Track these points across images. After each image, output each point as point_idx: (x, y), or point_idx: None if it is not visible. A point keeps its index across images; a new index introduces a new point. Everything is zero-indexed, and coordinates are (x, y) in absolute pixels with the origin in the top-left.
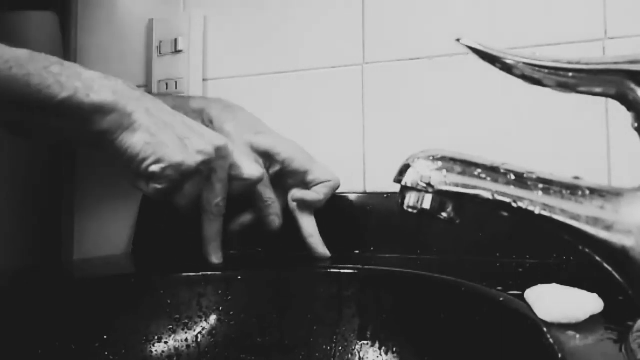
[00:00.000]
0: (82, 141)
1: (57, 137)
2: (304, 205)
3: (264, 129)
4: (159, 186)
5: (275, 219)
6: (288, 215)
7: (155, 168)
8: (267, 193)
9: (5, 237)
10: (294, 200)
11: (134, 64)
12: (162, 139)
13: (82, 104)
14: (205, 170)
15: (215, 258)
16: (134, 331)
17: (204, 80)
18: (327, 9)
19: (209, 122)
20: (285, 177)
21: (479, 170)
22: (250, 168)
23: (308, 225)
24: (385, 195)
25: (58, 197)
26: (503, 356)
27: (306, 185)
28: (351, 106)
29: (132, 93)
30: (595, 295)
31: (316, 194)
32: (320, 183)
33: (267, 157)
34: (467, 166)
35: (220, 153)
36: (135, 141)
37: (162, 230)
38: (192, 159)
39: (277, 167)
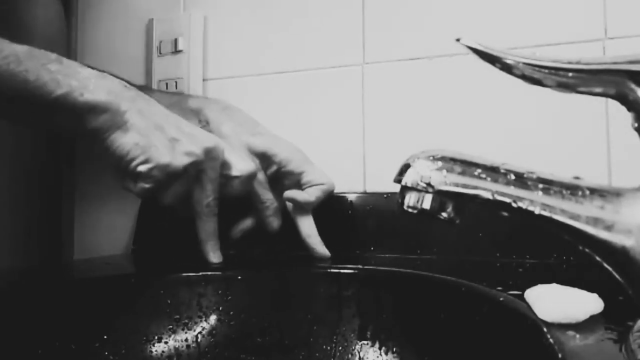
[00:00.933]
0: (78, 135)
1: (55, 129)
2: (297, 205)
3: (261, 130)
4: (146, 185)
5: (274, 219)
6: (287, 216)
7: (142, 168)
8: (265, 194)
9: (5, 238)
10: (285, 200)
11: (134, 64)
12: (151, 140)
13: (76, 102)
14: (193, 171)
15: (214, 257)
16: (134, 331)
17: (204, 80)
18: (327, 9)
19: (205, 123)
20: (281, 178)
21: (479, 170)
22: (241, 164)
23: (306, 225)
24: (385, 195)
25: (58, 197)
26: (503, 356)
27: (300, 187)
28: (351, 106)
29: (126, 93)
30: (595, 295)
31: (307, 195)
32: (314, 185)
33: (263, 159)
34: (467, 166)
35: (210, 154)
36: (125, 141)
37: (162, 230)
38: (179, 160)
39: (274, 168)
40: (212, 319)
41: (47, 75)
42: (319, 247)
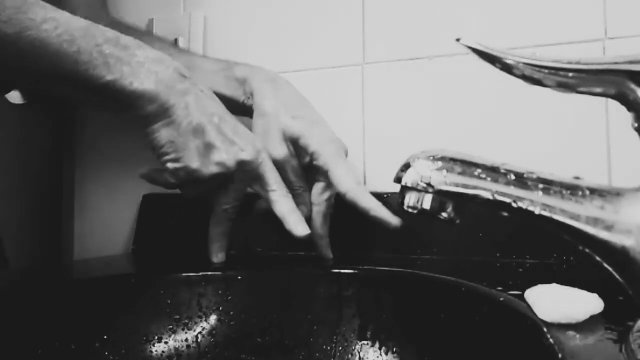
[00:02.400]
0: (124, 117)
1: (103, 110)
2: (330, 207)
3: (303, 113)
4: (170, 180)
5: (303, 208)
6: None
7: (170, 165)
8: (297, 181)
9: (5, 238)
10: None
11: None
12: (187, 142)
13: (124, 90)
14: (220, 180)
15: (216, 258)
16: (134, 331)
17: None
18: (327, 8)
19: (249, 95)
20: (314, 170)
21: (479, 170)
22: (274, 185)
23: (324, 226)
24: (385, 195)
25: (58, 197)
26: (503, 356)
27: (329, 187)
28: (351, 106)
29: (178, 85)
30: (595, 295)
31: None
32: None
33: (297, 147)
34: (467, 166)
35: (243, 167)
36: (162, 135)
37: (162, 230)
38: (207, 169)
39: (307, 159)
40: (212, 319)
41: (100, 58)
42: (327, 250)
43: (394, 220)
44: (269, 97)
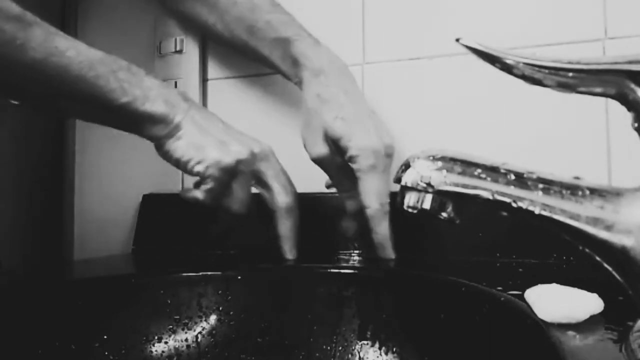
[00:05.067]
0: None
1: (115, 127)
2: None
3: (345, 112)
4: (208, 186)
5: (352, 204)
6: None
7: (198, 168)
8: (342, 179)
9: (5, 238)
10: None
11: (134, 63)
12: (201, 142)
13: (137, 110)
14: (246, 171)
15: (290, 254)
16: (134, 331)
17: (204, 80)
18: (327, 8)
19: (299, 82)
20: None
21: (479, 170)
22: (280, 196)
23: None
24: None
25: (58, 197)
26: (503, 356)
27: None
28: None
29: (182, 104)
30: (595, 295)
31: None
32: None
33: (338, 148)
34: (467, 166)
35: (257, 157)
36: (179, 144)
37: (162, 230)
38: (229, 157)
39: (346, 160)
40: (212, 319)
41: (115, 82)
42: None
43: (391, 256)
44: (313, 90)
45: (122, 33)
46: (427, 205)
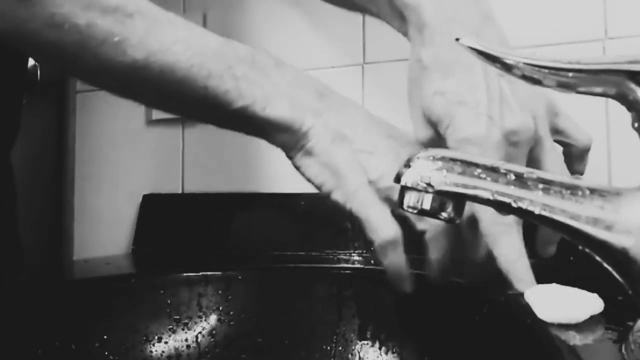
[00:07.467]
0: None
1: (242, 132)
2: None
3: (448, 84)
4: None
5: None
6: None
7: (334, 196)
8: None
9: (5, 238)
10: None
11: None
12: (334, 161)
13: (255, 116)
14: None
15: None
16: (134, 331)
17: None
18: (327, 8)
19: (417, 60)
20: None
21: (479, 170)
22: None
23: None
24: None
25: (58, 197)
26: (503, 356)
27: None
28: None
29: (314, 104)
30: (595, 295)
31: None
32: None
33: (439, 134)
34: (467, 166)
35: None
36: (309, 164)
37: (162, 230)
38: (359, 179)
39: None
40: (212, 319)
41: (231, 82)
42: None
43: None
44: (415, 55)
45: None
46: (427, 205)
